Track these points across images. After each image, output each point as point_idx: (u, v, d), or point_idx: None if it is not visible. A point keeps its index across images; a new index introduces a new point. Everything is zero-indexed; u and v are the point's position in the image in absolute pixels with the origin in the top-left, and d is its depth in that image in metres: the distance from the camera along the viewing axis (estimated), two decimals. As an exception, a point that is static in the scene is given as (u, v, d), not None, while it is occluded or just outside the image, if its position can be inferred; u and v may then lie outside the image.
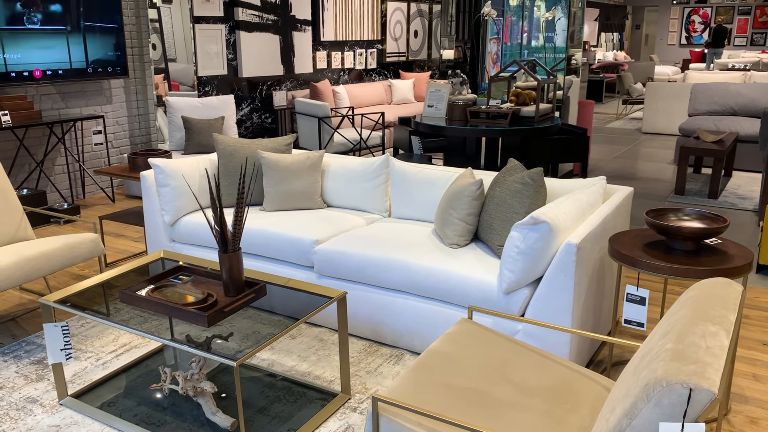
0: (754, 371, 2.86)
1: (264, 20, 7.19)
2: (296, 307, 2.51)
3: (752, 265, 2.41)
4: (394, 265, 2.93)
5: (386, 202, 3.66)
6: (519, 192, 2.88)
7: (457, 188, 3.12)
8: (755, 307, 3.52)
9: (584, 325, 2.70)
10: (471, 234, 3.10)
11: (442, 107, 5.31)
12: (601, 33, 19.03)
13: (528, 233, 2.55)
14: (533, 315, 2.62)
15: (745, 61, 13.70)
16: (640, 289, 2.46)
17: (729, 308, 1.63)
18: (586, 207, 2.82)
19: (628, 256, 2.46)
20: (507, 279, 2.62)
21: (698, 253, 2.49)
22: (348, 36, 8.60)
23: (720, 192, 5.98)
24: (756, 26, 18.09)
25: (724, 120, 7.10)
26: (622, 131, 9.80)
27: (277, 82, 7.53)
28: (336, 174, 3.75)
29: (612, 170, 7.05)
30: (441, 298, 2.84)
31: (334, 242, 3.15)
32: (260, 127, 7.40)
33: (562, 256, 2.50)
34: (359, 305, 3.07)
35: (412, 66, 10.06)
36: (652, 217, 2.57)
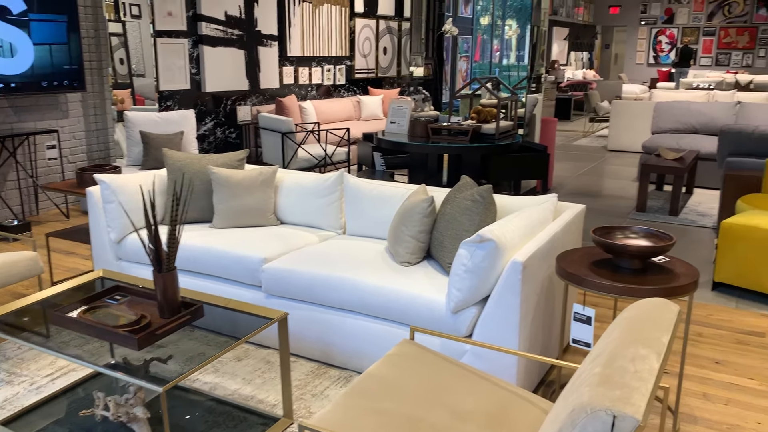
0: (704, 390, 2.83)
1: (228, 35, 7.13)
2: (244, 327, 2.43)
3: (697, 283, 2.39)
4: (343, 284, 2.86)
5: (341, 219, 3.60)
6: (469, 209, 2.84)
7: (409, 205, 3.07)
8: (709, 324, 3.52)
9: (533, 344, 2.65)
10: (423, 251, 3.04)
11: (405, 123, 5.28)
12: (571, 52, 19.29)
13: (475, 251, 2.50)
14: (481, 334, 2.57)
15: (710, 80, 13.97)
16: (587, 308, 2.42)
17: (663, 330, 1.59)
18: (535, 224, 2.79)
19: (574, 274, 2.42)
20: (455, 298, 2.57)
21: (645, 271, 2.46)
22: (316, 51, 8.57)
23: (681, 209, 6.02)
24: (720, 47, 18.49)
25: (685, 138, 7.18)
26: (588, 149, 9.89)
27: (242, 97, 7.45)
28: (290, 190, 3.68)
29: (576, 187, 7.08)
30: (391, 317, 2.77)
31: (284, 261, 3.07)
32: (224, 142, 7.30)
33: (509, 274, 2.46)
34: (308, 326, 2.99)
35: (381, 83, 10.06)
36: (598, 236, 2.54)
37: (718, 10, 18.12)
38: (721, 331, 3.44)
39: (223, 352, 2.21)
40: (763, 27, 17.66)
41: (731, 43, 18.29)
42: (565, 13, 17.35)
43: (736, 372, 2.99)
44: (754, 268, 3.78)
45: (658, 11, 19.21)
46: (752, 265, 3.79)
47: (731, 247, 3.87)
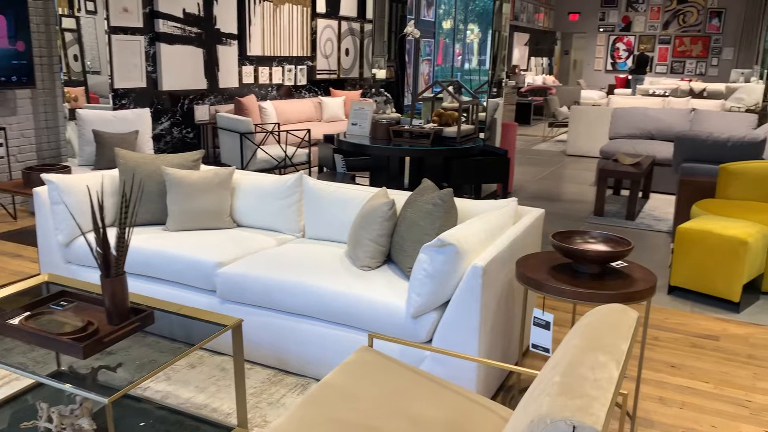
0: (661, 394, 2.85)
1: (187, 33, 6.98)
2: (198, 333, 2.34)
3: (655, 288, 2.40)
4: (300, 289, 2.79)
5: (300, 222, 3.53)
6: (430, 213, 2.81)
7: (370, 208, 3.02)
8: (665, 328, 3.56)
9: (493, 349, 2.63)
10: (383, 255, 3.00)
11: (366, 126, 5.23)
12: (531, 57, 19.55)
13: (435, 255, 2.47)
14: (441, 339, 2.53)
15: (665, 87, 14.31)
16: (546, 313, 2.41)
17: (622, 336, 1.57)
18: (495, 229, 2.77)
19: (533, 279, 2.41)
20: (415, 303, 2.53)
21: (603, 276, 2.46)
22: (276, 51, 8.47)
23: (637, 214, 6.12)
24: (675, 55, 18.97)
25: (642, 143, 7.32)
26: (547, 153, 10.00)
27: (199, 97, 7.30)
28: (247, 192, 3.59)
29: (536, 191, 7.14)
30: (350, 323, 2.72)
31: (239, 265, 2.99)
32: (181, 142, 7.14)
33: (469, 279, 2.43)
34: (264, 332, 2.91)
35: (343, 84, 10.00)
36: (558, 240, 2.54)
37: (673, 19, 18.58)
38: (677, 334, 3.48)
39: (175, 360, 2.12)
40: (715, 37, 18.18)
41: (685, 52, 18.78)
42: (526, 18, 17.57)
43: (691, 375, 3.03)
44: (709, 273, 3.85)
45: (615, 19, 19.60)
46: (707, 270, 3.86)
47: (686, 252, 3.94)
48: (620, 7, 19.39)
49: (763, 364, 3.16)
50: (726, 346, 3.34)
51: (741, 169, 4.60)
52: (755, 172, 4.56)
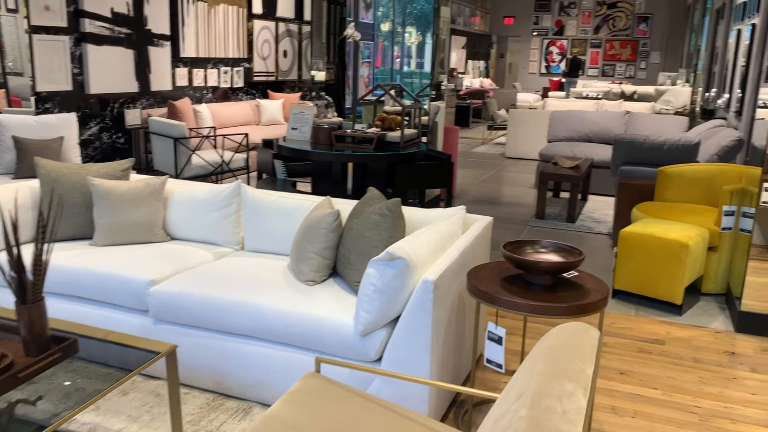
0: (613, 403, 2.83)
1: (116, 33, 6.64)
2: (129, 358, 2.15)
3: (608, 299, 2.35)
4: (240, 307, 2.63)
5: (238, 233, 3.35)
6: (377, 224, 2.69)
7: (314, 219, 2.88)
8: (612, 333, 3.56)
9: (445, 364, 2.53)
10: (328, 269, 2.86)
11: (307, 130, 5.07)
12: (468, 60, 19.75)
13: (384, 270, 2.35)
14: (391, 357, 2.42)
15: (598, 90, 14.68)
16: (499, 328, 2.33)
17: (586, 360, 1.49)
18: (445, 239, 2.68)
19: (486, 293, 2.33)
20: (363, 320, 2.40)
21: (556, 287, 2.40)
22: (211, 53, 8.19)
23: (577, 216, 6.18)
24: (606, 59, 19.54)
25: (579, 146, 7.42)
26: (487, 156, 10.06)
27: (130, 100, 6.96)
28: (181, 203, 3.39)
29: (478, 195, 7.14)
30: (294, 343, 2.57)
31: (173, 282, 2.79)
32: (111, 147, 6.79)
33: (419, 294, 2.32)
34: (202, 354, 2.73)
35: (282, 86, 9.78)
36: (509, 251, 2.47)
37: (603, 24, 19.13)
38: (624, 339, 3.48)
39: (106, 392, 1.93)
40: (643, 41, 18.82)
41: (616, 55, 19.37)
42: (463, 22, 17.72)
43: (640, 382, 3.02)
44: (651, 276, 3.88)
45: (549, 23, 20.03)
46: (649, 273, 3.89)
47: (629, 256, 3.96)
48: (553, 11, 19.84)
49: (707, 368, 3.18)
50: (672, 350, 3.36)
51: (678, 172, 4.68)
52: (691, 174, 4.65)
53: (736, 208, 4.04)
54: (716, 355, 3.33)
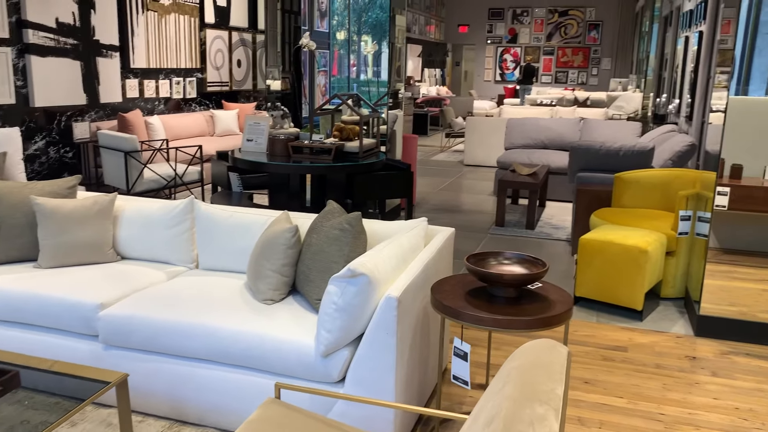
0: (579, 414, 2.80)
1: (61, 44, 6.41)
2: (78, 385, 2.03)
3: (572, 311, 2.32)
4: (194, 330, 2.51)
5: (193, 251, 3.23)
6: (337, 239, 2.61)
7: (271, 235, 2.78)
8: (575, 341, 3.55)
9: (410, 382, 2.47)
10: (287, 286, 2.77)
11: (263, 141, 4.96)
12: (424, 69, 19.85)
13: (346, 287, 2.28)
14: (354, 378, 2.34)
15: (551, 97, 14.91)
16: (464, 344, 2.28)
17: (556, 379, 1.45)
18: (407, 252, 2.62)
19: (450, 307, 2.27)
20: (325, 340, 2.32)
21: (520, 299, 2.37)
22: (163, 63, 7.99)
23: (536, 222, 6.21)
24: (559, 65, 19.90)
25: (536, 153, 7.48)
26: (446, 163, 10.09)
27: (79, 113, 6.73)
28: (132, 220, 3.25)
29: (438, 203, 7.12)
30: (253, 366, 2.47)
31: (124, 305, 2.66)
32: (59, 162, 6.54)
33: (382, 311, 2.26)
34: (156, 379, 2.60)
35: (236, 96, 9.62)
36: (472, 263, 2.42)
37: (555, 31, 19.48)
38: (587, 347, 3.48)
39: (54, 426, 1.80)
40: (594, 48, 19.22)
41: (568, 62, 19.74)
42: (418, 30, 17.81)
43: (605, 391, 3.01)
44: (612, 283, 3.90)
45: (502, 31, 20.31)
46: (610, 280, 3.90)
47: (589, 262, 3.97)
48: (506, 19, 20.12)
49: (670, 374, 3.19)
50: (634, 357, 3.37)
51: (634, 178, 4.74)
52: (647, 180, 4.71)
53: (692, 212, 4.10)
54: (678, 361, 3.34)
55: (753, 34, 3.55)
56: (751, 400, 2.97)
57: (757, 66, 3.55)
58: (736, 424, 2.75)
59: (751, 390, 3.06)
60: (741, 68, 3.55)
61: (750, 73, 3.57)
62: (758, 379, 3.17)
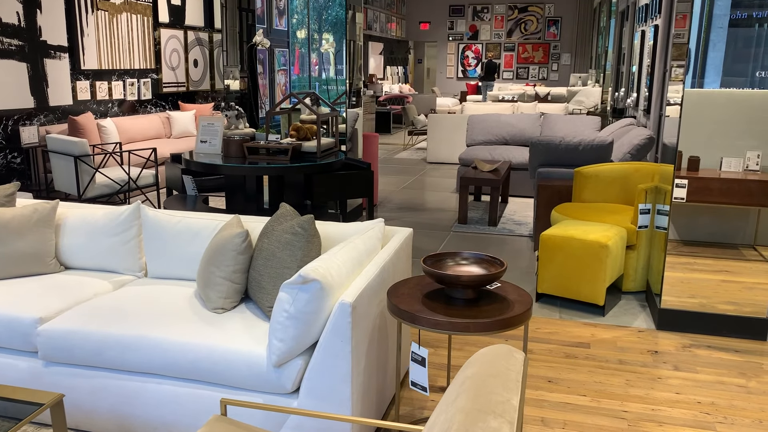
0: (542, 415, 2.75)
1: (6, 45, 6.15)
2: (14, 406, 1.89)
3: (531, 311, 2.26)
4: (140, 343, 2.39)
5: (141, 259, 3.09)
6: (289, 243, 2.51)
7: (221, 241, 2.67)
8: (538, 339, 3.51)
9: (367, 390, 2.38)
10: (239, 294, 2.66)
11: (217, 142, 4.82)
12: (386, 66, 19.79)
13: (297, 294, 2.18)
14: (309, 388, 2.24)
15: (513, 92, 14.99)
16: (422, 348, 2.20)
17: (511, 388, 1.37)
18: (363, 256, 2.53)
19: (407, 312, 2.19)
20: (277, 350, 2.22)
21: (479, 301, 2.30)
22: (116, 64, 7.75)
23: (499, 219, 6.19)
24: (520, 61, 20.04)
25: (498, 149, 7.47)
26: (409, 161, 10.03)
27: (26, 116, 6.47)
28: (75, 229, 3.09)
29: (401, 201, 7.05)
30: (202, 378, 2.35)
31: (65, 319, 2.52)
32: (6, 168, 6.28)
33: (336, 318, 2.17)
34: (101, 395, 2.47)
35: (194, 97, 9.41)
36: (429, 265, 2.34)
37: (515, 28, 19.60)
38: (550, 345, 3.44)
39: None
40: (554, 43, 19.40)
41: (529, 58, 19.89)
42: (379, 28, 17.73)
43: (568, 390, 2.96)
44: (573, 278, 3.87)
45: (463, 28, 20.35)
46: (571, 275, 3.88)
47: (551, 258, 3.94)
48: (467, 16, 20.17)
49: (633, 369, 3.17)
50: (597, 353, 3.34)
51: (594, 172, 4.73)
52: (607, 174, 4.71)
53: (651, 205, 4.10)
54: (640, 356, 3.33)
55: (707, 27, 3.55)
56: (713, 394, 2.96)
57: (712, 59, 3.56)
58: (699, 419, 2.74)
59: (713, 383, 3.06)
60: (696, 61, 3.55)
61: (705, 66, 3.57)
62: (719, 372, 3.17)
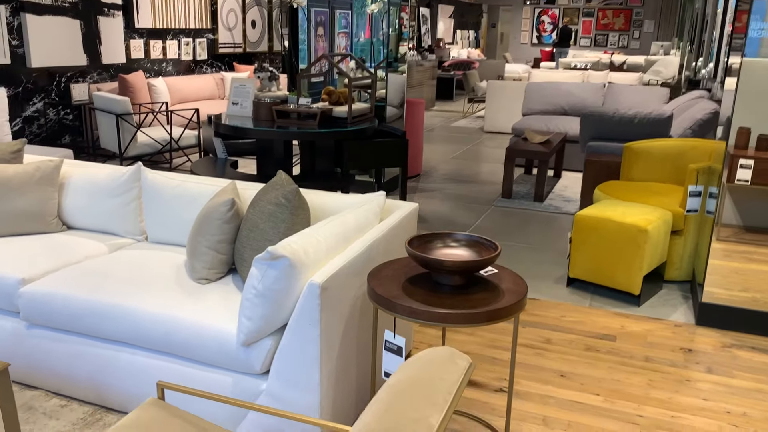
0: (545, 413, 2.52)
1: (59, 2, 6.22)
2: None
3: (523, 303, 2.03)
4: (116, 311, 2.31)
5: (140, 223, 3.02)
6: (272, 215, 2.36)
7: (209, 208, 2.54)
8: (560, 328, 3.24)
9: (341, 378, 2.22)
10: (225, 265, 2.54)
11: (248, 105, 4.71)
12: (456, 30, 19.20)
13: (267, 270, 2.03)
14: (278, 370, 2.10)
15: (587, 60, 14.23)
16: (397, 337, 2.01)
17: (436, 403, 1.17)
18: (351, 232, 2.35)
19: (383, 297, 2.00)
20: (245, 329, 2.08)
21: (468, 287, 2.08)
22: (170, 23, 7.76)
23: (547, 194, 5.84)
24: (599, 28, 19.01)
25: (555, 119, 7.05)
26: (465, 130, 9.68)
27: (79, 74, 6.57)
28: (79, 188, 3.05)
29: (447, 172, 6.79)
30: (176, 352, 2.25)
31: (49, 281, 2.47)
32: (59, 125, 6.43)
33: (305, 299, 2.00)
34: (79, 362, 2.42)
35: (251, 58, 9.35)
36: (414, 247, 2.13)
37: (595, -8, 18.56)
38: (572, 335, 3.17)
39: None
40: (636, 9, 18.27)
41: (608, 25, 18.83)
42: (450, -10, 17.16)
43: (581, 386, 2.71)
44: (608, 264, 3.56)
45: (540, -9, 19.45)
46: (606, 261, 3.57)
47: (584, 241, 3.63)
48: (545, -21, 19.24)
49: (659, 368, 2.87)
50: (622, 348, 3.05)
51: (645, 148, 4.33)
52: (659, 150, 4.30)
53: (703, 187, 3.71)
54: (671, 353, 3.02)
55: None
56: (747, 403, 2.64)
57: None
58: (724, 431, 2.44)
59: (749, 390, 2.73)
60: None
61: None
62: (759, 378, 2.83)
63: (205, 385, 2.22)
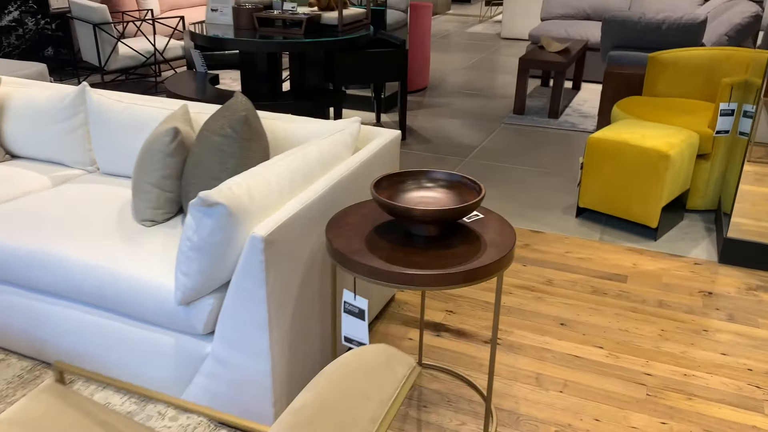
0: (539, 370, 2.23)
1: None
2: None
3: (508, 258, 1.68)
4: (45, 260, 2.01)
5: (89, 151, 2.68)
6: (218, 148, 2.00)
7: (151, 139, 2.19)
8: (564, 267, 2.91)
9: (299, 343, 1.92)
10: (173, 204, 2.21)
11: (228, 12, 4.23)
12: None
13: (202, 219, 1.69)
14: (223, 332, 1.81)
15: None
16: (358, 298, 1.69)
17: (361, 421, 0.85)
18: (315, 169, 1.98)
19: (339, 251, 1.66)
20: (182, 286, 1.78)
21: (446, 239, 1.73)
22: None
23: (563, 110, 5.36)
24: None
25: (575, 25, 6.43)
26: (481, 36, 9.02)
27: (57, -22, 6.06)
28: (20, 112, 2.69)
29: (457, 84, 6.29)
30: (111, 307, 1.97)
31: (-27, 223, 2.17)
32: (39, 35, 5.99)
33: (247, 254, 1.68)
34: (13, 313, 2.15)
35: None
36: (381, 189, 1.77)
37: None
38: (577, 275, 2.84)
39: None
40: None
41: None
42: None
43: (583, 338, 2.40)
44: (623, 193, 3.17)
45: None
46: (621, 189, 3.18)
47: (597, 167, 3.23)
48: None
49: (674, 316, 2.55)
50: (633, 291, 2.72)
51: (672, 59, 3.82)
52: (688, 61, 3.79)
53: (737, 105, 3.24)
54: (689, 297, 2.68)
55: None
56: (772, 359, 2.32)
57: None
58: (743, 394, 2.13)
59: (775, 343, 2.41)
60: None
61: None
62: (788, 328, 2.50)
63: (147, 344, 1.94)
